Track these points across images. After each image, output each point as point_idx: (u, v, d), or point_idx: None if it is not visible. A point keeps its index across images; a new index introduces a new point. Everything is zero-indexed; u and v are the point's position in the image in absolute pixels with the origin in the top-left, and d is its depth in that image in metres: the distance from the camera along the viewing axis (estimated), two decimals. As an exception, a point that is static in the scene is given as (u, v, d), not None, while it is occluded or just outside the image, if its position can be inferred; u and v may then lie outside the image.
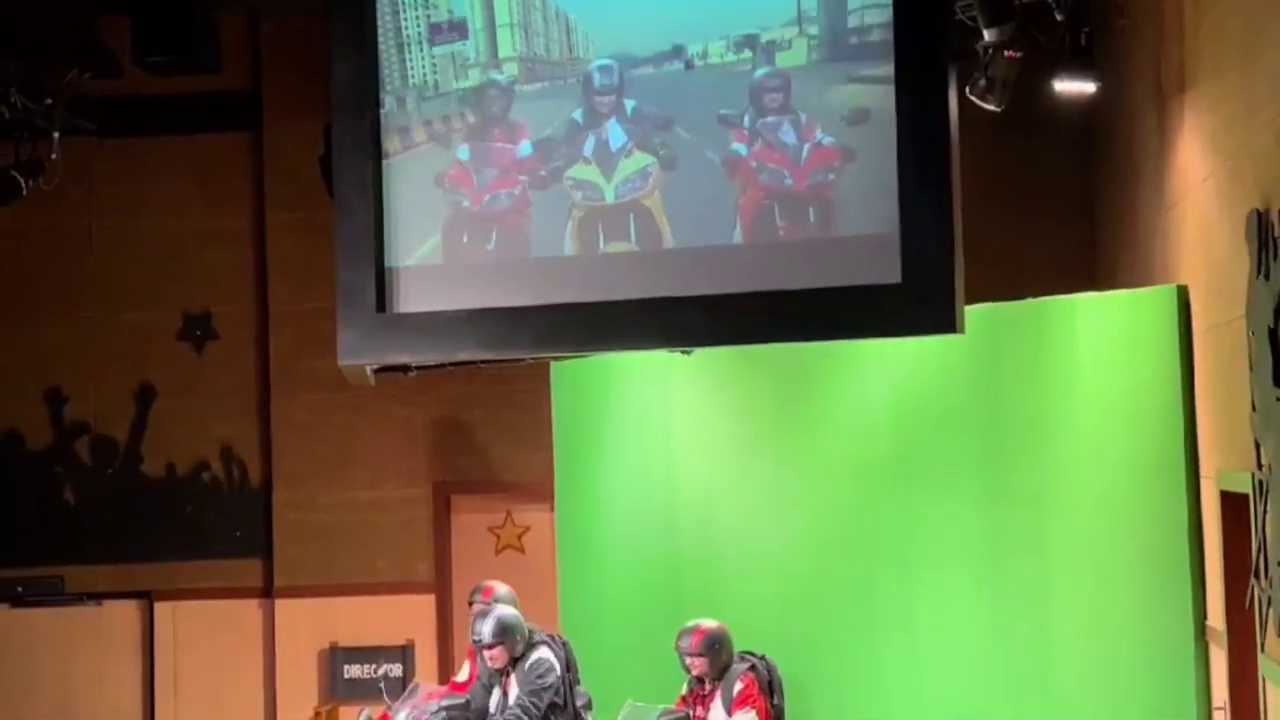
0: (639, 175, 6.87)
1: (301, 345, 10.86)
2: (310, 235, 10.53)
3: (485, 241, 7.11)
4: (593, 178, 6.95)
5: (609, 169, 6.91)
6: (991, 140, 9.05)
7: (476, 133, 7.12)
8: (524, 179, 7.07)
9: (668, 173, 6.82)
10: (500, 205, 7.10)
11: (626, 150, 6.88)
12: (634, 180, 6.88)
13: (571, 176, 6.98)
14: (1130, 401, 6.99)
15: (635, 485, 8.67)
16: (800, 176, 6.59)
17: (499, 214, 7.10)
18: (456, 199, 7.15)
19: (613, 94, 6.90)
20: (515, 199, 7.09)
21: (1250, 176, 5.56)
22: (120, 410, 11.19)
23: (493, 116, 7.11)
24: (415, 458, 11.06)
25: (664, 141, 6.81)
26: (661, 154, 6.81)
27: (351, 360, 7.43)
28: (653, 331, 6.94)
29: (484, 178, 7.13)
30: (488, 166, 7.12)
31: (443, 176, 7.17)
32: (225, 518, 11.13)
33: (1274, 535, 5.18)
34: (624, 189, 6.89)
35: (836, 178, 6.51)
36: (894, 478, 7.72)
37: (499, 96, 7.10)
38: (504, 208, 7.10)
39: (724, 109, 6.71)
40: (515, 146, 7.09)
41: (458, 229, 7.14)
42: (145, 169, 11.21)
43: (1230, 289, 5.85)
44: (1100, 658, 6.98)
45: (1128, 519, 6.95)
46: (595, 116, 6.93)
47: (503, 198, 7.11)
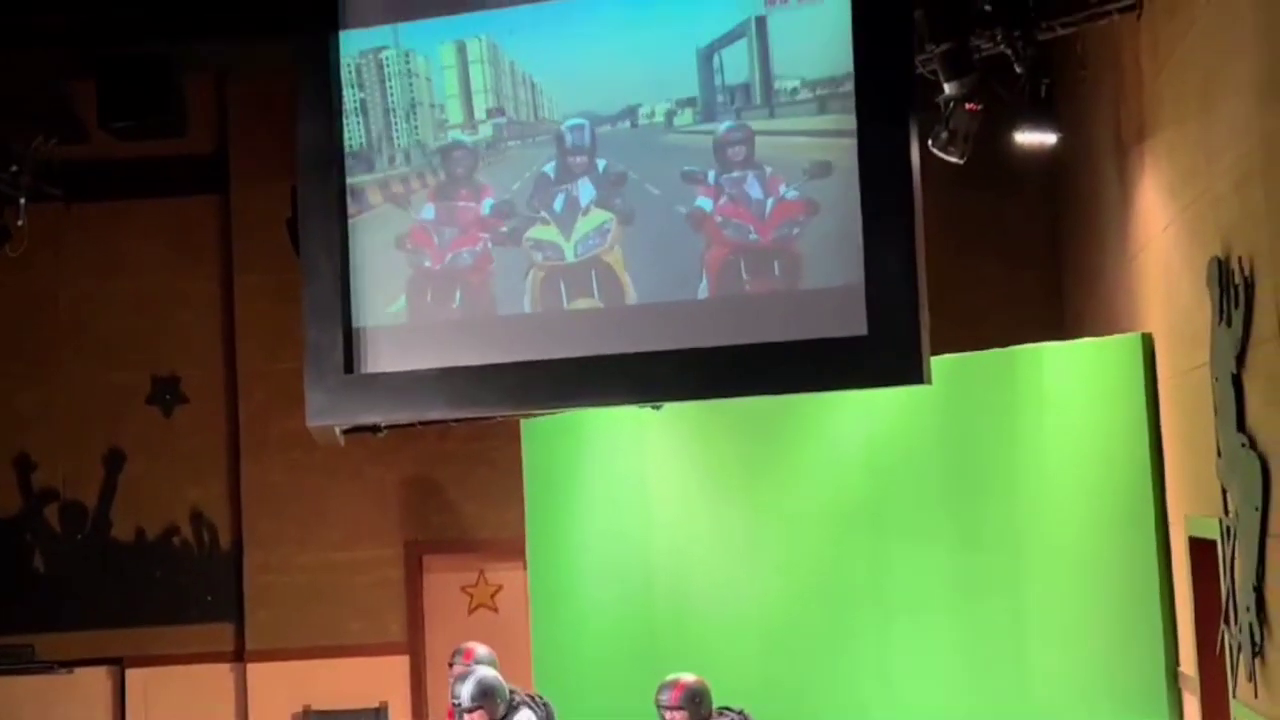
0: (597, 232, 6.90)
1: (271, 406, 10.84)
2: (279, 296, 10.53)
3: (449, 300, 7.12)
4: (551, 237, 6.98)
5: (567, 228, 6.94)
6: (956, 190, 9.11)
7: (441, 192, 7.15)
8: (485, 236, 7.09)
9: (625, 228, 6.84)
10: (462, 263, 7.12)
11: (585, 209, 6.91)
12: (592, 237, 6.91)
13: (531, 237, 7.00)
14: (1099, 448, 7.02)
15: (608, 541, 8.66)
16: (765, 230, 6.62)
17: (461, 272, 7.11)
18: (418, 259, 7.17)
19: (585, 153, 6.93)
20: (477, 256, 7.11)
21: (1210, 224, 5.61)
22: (89, 475, 11.15)
23: (457, 177, 7.14)
24: (387, 517, 11.03)
25: (622, 196, 6.84)
26: (618, 208, 6.83)
27: (320, 421, 7.42)
28: (621, 387, 6.94)
29: (444, 237, 7.16)
30: (449, 226, 7.15)
31: (403, 239, 7.19)
32: (196, 582, 11.08)
33: (1242, 581, 5.20)
34: (583, 246, 6.91)
35: (801, 231, 6.54)
36: (867, 527, 7.74)
37: (464, 157, 7.13)
38: (466, 266, 7.12)
39: (689, 165, 6.75)
40: (478, 205, 7.11)
41: (421, 289, 7.16)
42: (113, 232, 11.21)
43: (1194, 336, 5.88)
44: (1074, 703, 6.98)
45: (1099, 565, 6.97)
46: (568, 173, 6.96)
47: (464, 255, 7.13)
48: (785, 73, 6.62)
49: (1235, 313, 5.16)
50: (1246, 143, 4.99)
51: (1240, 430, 5.14)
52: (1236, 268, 5.17)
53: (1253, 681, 5.16)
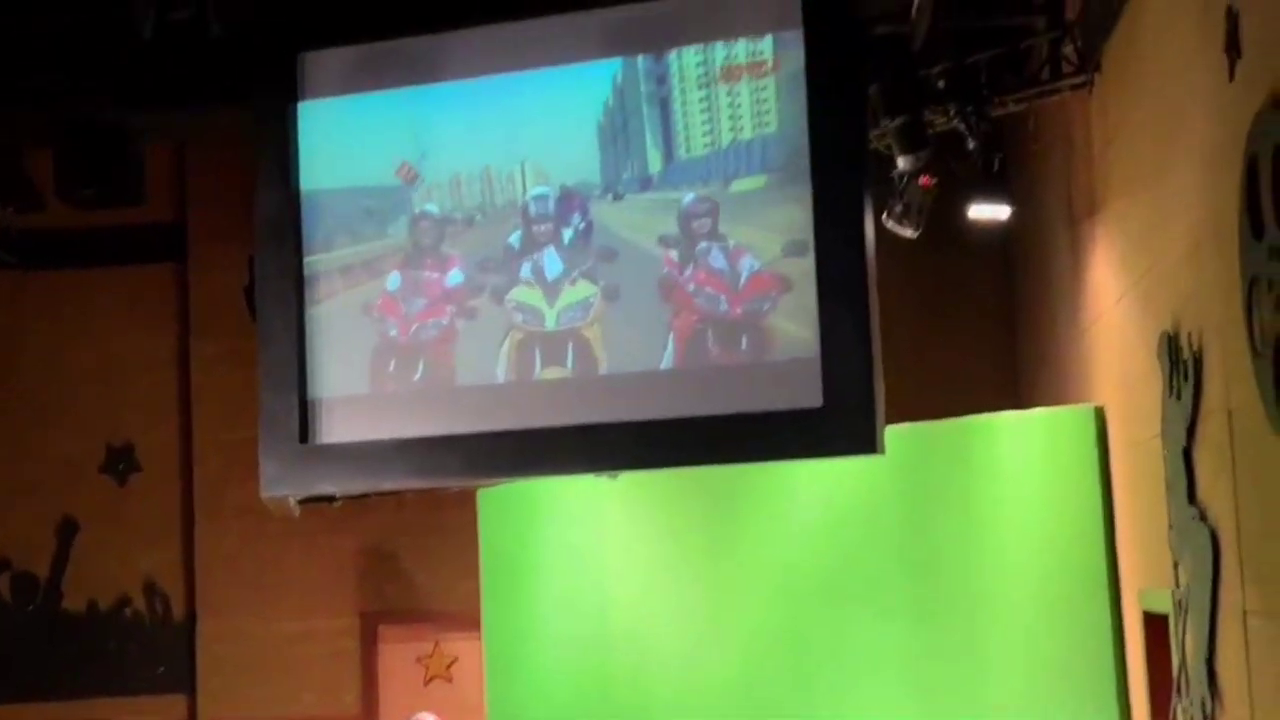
0: (581, 305, 6.90)
1: (226, 475, 10.78)
2: (236, 364, 10.49)
3: (412, 372, 7.11)
4: (535, 301, 6.97)
5: (552, 295, 6.94)
6: (912, 262, 9.17)
7: (408, 262, 7.15)
8: (451, 309, 7.09)
9: (609, 303, 6.85)
10: (428, 335, 7.11)
11: (571, 279, 6.90)
12: (576, 310, 6.90)
13: (514, 298, 6.99)
14: (1053, 519, 7.05)
15: (564, 611, 8.63)
16: (736, 303, 6.64)
17: (426, 344, 7.10)
18: (384, 328, 7.15)
19: (549, 223, 6.94)
20: (443, 329, 7.10)
21: (1160, 297, 5.67)
22: (41, 545, 11.06)
23: (424, 247, 7.14)
24: (342, 587, 10.97)
25: (606, 272, 6.84)
26: (603, 285, 6.84)
27: (274, 492, 7.38)
28: (580, 457, 6.94)
29: (413, 307, 7.15)
30: (417, 296, 7.14)
31: (370, 306, 7.18)
32: (148, 653, 10.98)
33: (1194, 654, 5.22)
34: (565, 317, 6.91)
35: (772, 307, 6.56)
36: (824, 597, 7.74)
37: (431, 228, 7.13)
38: (431, 338, 7.11)
39: (658, 233, 6.76)
40: (444, 276, 7.11)
41: (384, 358, 7.14)
42: (69, 300, 11.17)
43: (1146, 408, 5.93)
44: (1029, 778, 6.98)
45: (1053, 637, 6.98)
46: (532, 243, 6.96)
47: (430, 327, 7.12)
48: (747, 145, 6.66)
49: (1185, 386, 5.21)
50: (1195, 217, 5.06)
51: (1191, 503, 5.18)
52: (1186, 342, 5.22)
53: (1205, 754, 5.17)
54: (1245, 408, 4.49)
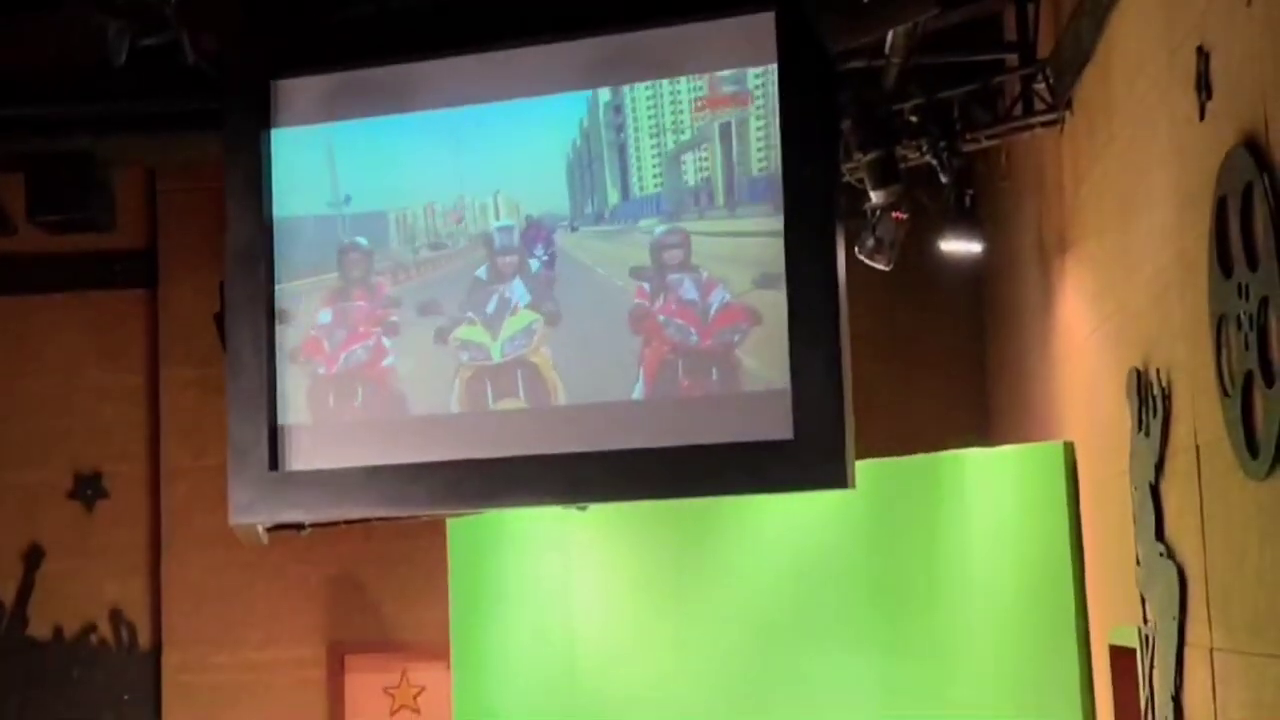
0: (523, 333, 6.91)
1: (194, 503, 10.73)
2: (205, 391, 10.45)
3: (351, 399, 7.10)
4: (478, 338, 6.98)
5: (495, 328, 6.95)
6: (882, 296, 9.19)
7: (336, 296, 7.15)
8: (376, 329, 7.09)
9: (552, 328, 6.85)
10: (357, 360, 7.12)
11: (513, 308, 6.92)
12: (519, 338, 6.91)
13: (458, 338, 7.00)
14: (1021, 555, 7.06)
15: (533, 642, 8.60)
16: (706, 334, 6.64)
17: (356, 370, 7.10)
18: (312, 368, 7.15)
19: (514, 254, 6.94)
20: (370, 350, 7.10)
21: (1130, 335, 5.69)
22: (7, 572, 10.98)
23: (353, 279, 7.14)
24: (310, 616, 10.91)
25: (557, 298, 6.85)
26: (546, 309, 6.85)
27: (243, 519, 7.36)
28: (550, 487, 6.93)
29: (335, 339, 7.15)
30: (340, 328, 7.14)
31: (296, 351, 7.18)
32: (114, 681, 10.90)
33: (1161, 690, 5.22)
34: (509, 346, 6.92)
35: (742, 339, 6.57)
36: (791, 631, 7.73)
37: (360, 260, 7.14)
38: (361, 361, 7.11)
39: (630, 264, 6.77)
40: (371, 304, 7.11)
41: (321, 396, 7.14)
42: (38, 326, 11.12)
43: (1114, 445, 5.95)
44: (996, 814, 6.98)
45: (1021, 671, 6.99)
46: (498, 276, 6.97)
47: (358, 352, 7.13)
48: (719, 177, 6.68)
49: (1153, 423, 5.23)
50: (1164, 256, 5.08)
51: (1158, 539, 5.20)
52: (1155, 379, 5.24)
53: (1172, 791, 5.18)
54: (1213, 445, 4.51)
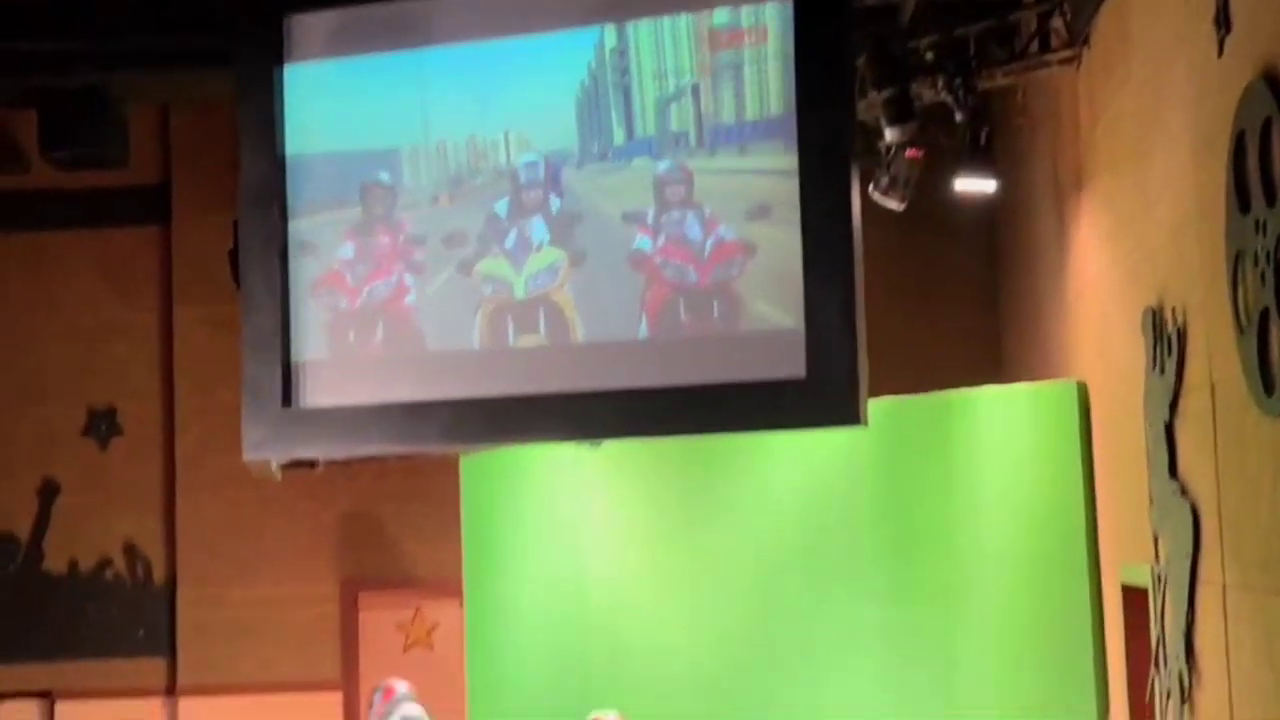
0: (548, 270, 6.89)
1: (208, 440, 10.76)
2: (219, 329, 10.46)
3: (371, 335, 7.09)
4: (502, 272, 6.96)
5: (519, 263, 6.93)
6: (896, 235, 9.16)
7: (359, 231, 7.13)
8: (399, 265, 7.08)
9: (576, 268, 6.84)
10: (378, 296, 7.11)
11: (537, 246, 6.90)
12: (543, 275, 6.90)
13: (482, 271, 6.99)
14: (1033, 494, 7.06)
15: (545, 579, 8.64)
16: (704, 271, 6.64)
17: (378, 306, 7.09)
18: (334, 301, 7.14)
19: (540, 188, 6.92)
20: (392, 287, 7.09)
21: (1145, 274, 5.67)
22: (22, 507, 11.03)
23: (376, 216, 7.13)
24: (323, 554, 10.96)
25: (573, 236, 6.84)
26: (570, 249, 6.84)
27: (257, 455, 7.37)
28: (560, 425, 6.93)
29: (358, 274, 7.13)
30: (363, 263, 7.13)
31: (317, 284, 7.16)
32: (129, 616, 10.97)
33: (1173, 628, 5.24)
34: (533, 284, 6.91)
35: (740, 273, 6.57)
36: (802, 570, 7.75)
37: (384, 196, 7.11)
38: (382, 298, 7.10)
39: (629, 205, 6.76)
40: (395, 240, 7.09)
41: (342, 330, 7.12)
42: (51, 263, 11.13)
43: (1128, 384, 5.94)
44: (1006, 750, 7.01)
45: (1031, 611, 7.00)
46: (521, 210, 6.95)
47: (379, 288, 7.12)
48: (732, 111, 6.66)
49: (1168, 361, 5.22)
50: (1182, 192, 5.06)
51: (1172, 478, 5.20)
52: (1170, 317, 5.23)
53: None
54: (1228, 383, 4.50)
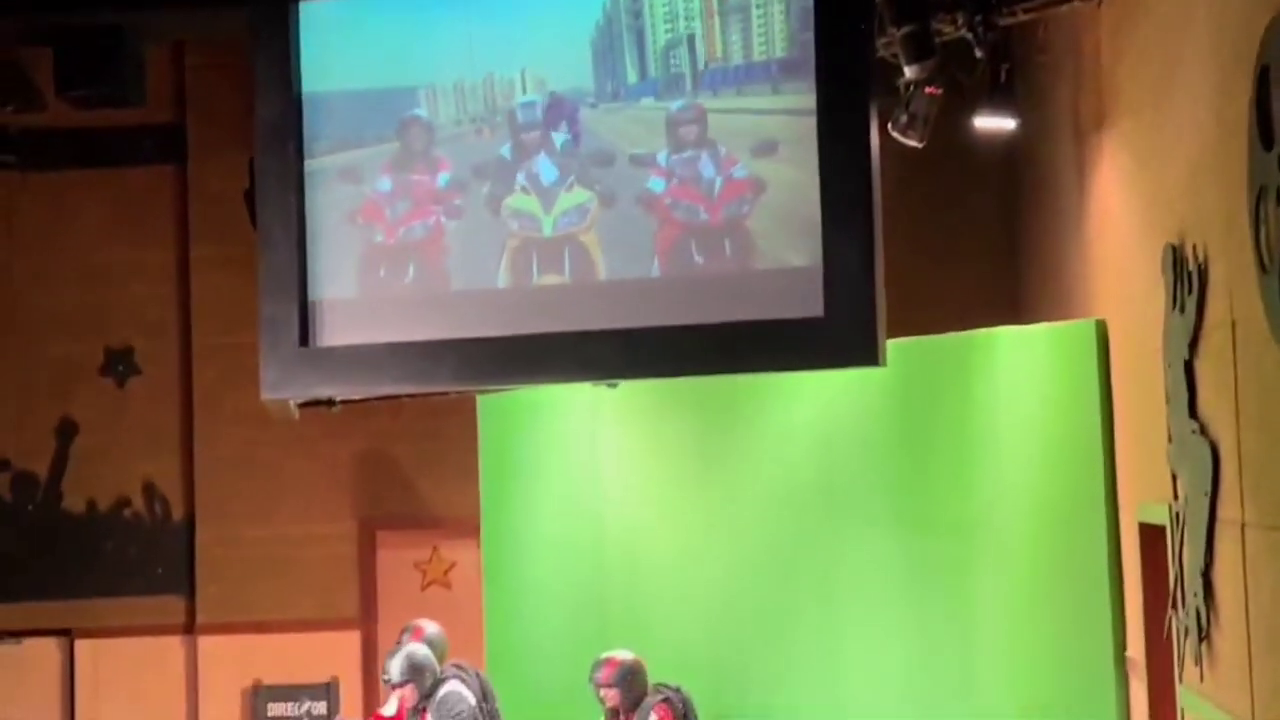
0: (577, 210, 6.88)
1: (225, 380, 10.79)
2: (235, 269, 10.46)
3: (402, 275, 7.09)
4: (532, 209, 6.95)
5: (548, 202, 6.92)
6: (914, 175, 9.12)
7: (397, 166, 7.11)
8: (438, 209, 7.06)
9: (605, 210, 6.83)
10: (415, 237, 7.09)
11: (567, 185, 6.88)
12: (572, 214, 6.89)
13: (510, 205, 6.97)
14: (1051, 434, 7.05)
15: (562, 518, 8.66)
16: (714, 210, 6.62)
17: (414, 246, 7.08)
18: (370, 234, 7.12)
19: (537, 129, 6.90)
20: (430, 230, 7.08)
21: (1165, 211, 5.64)
22: (41, 446, 11.07)
23: (415, 151, 7.10)
24: (341, 493, 11.00)
25: (600, 178, 6.82)
26: (599, 191, 6.82)
27: (274, 394, 7.38)
28: (574, 364, 6.94)
29: (397, 211, 7.11)
30: (403, 199, 7.11)
31: (355, 213, 7.14)
32: (147, 554, 11.03)
33: (1190, 566, 5.23)
34: (562, 222, 6.89)
35: (750, 210, 6.55)
36: (818, 509, 7.76)
37: (422, 133, 7.09)
38: (418, 239, 7.08)
39: (639, 147, 6.74)
40: (434, 178, 7.07)
41: (373, 264, 7.12)
42: (67, 202, 11.12)
43: (1147, 322, 5.91)
44: (1021, 687, 7.02)
45: (1049, 550, 7.01)
46: (523, 151, 6.93)
47: (417, 229, 7.10)
48: (741, 51, 6.62)
49: (1188, 300, 5.19)
50: (1202, 131, 5.02)
51: (1191, 416, 5.18)
52: (1190, 255, 5.20)
53: (1199, 666, 5.20)
54: (1249, 321, 4.48)
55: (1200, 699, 5.24)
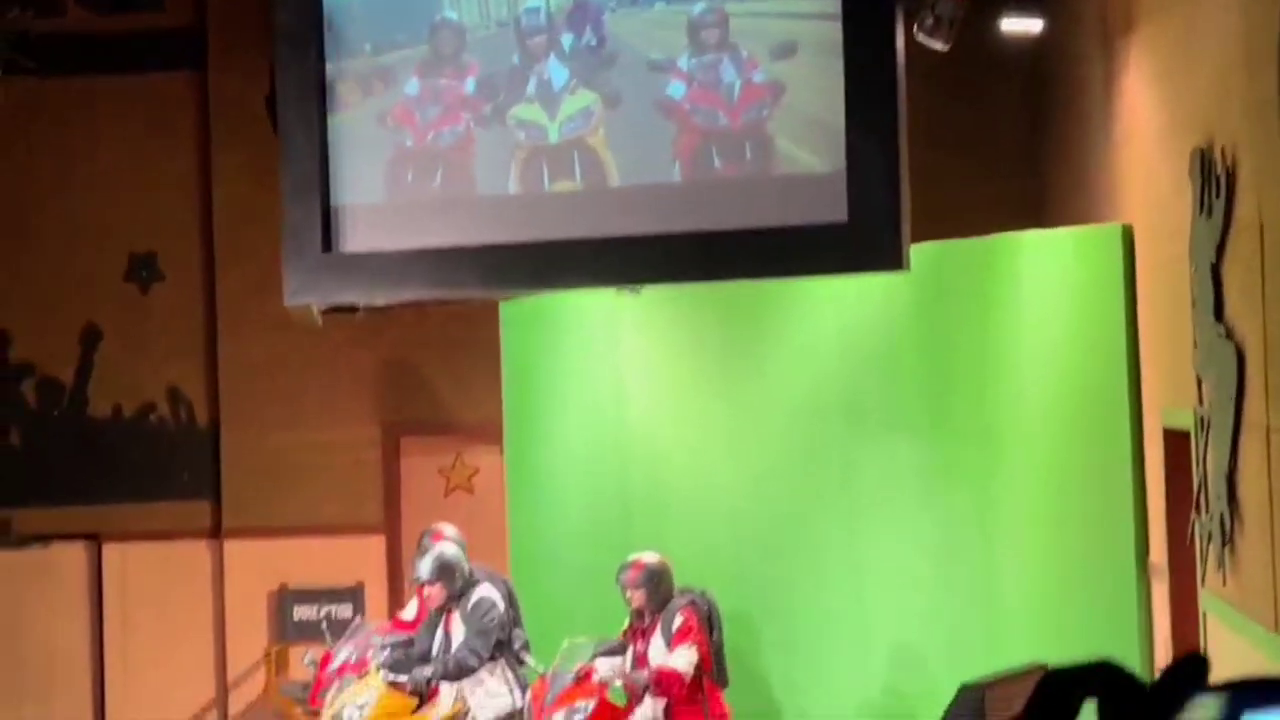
0: (582, 114, 6.84)
1: (249, 286, 10.79)
2: (257, 175, 10.43)
3: (430, 179, 7.06)
4: (536, 117, 6.91)
5: (553, 108, 6.87)
6: (938, 81, 9.03)
7: (426, 70, 7.06)
8: (468, 116, 7.02)
9: (611, 111, 6.78)
10: (444, 143, 7.05)
11: (570, 88, 6.83)
12: (577, 119, 6.84)
13: (515, 116, 6.93)
14: (1075, 338, 7.03)
15: (585, 425, 8.68)
16: (734, 114, 6.58)
17: (443, 151, 7.05)
18: (400, 138, 7.09)
19: (543, 34, 6.84)
20: (459, 136, 7.04)
21: (1193, 115, 5.59)
22: (66, 352, 11.11)
23: (444, 56, 7.05)
24: (365, 399, 11.03)
25: (607, 79, 6.77)
26: (604, 92, 6.77)
27: (297, 300, 7.39)
28: (598, 270, 6.93)
29: (427, 115, 7.07)
30: (433, 104, 7.06)
31: (386, 116, 7.10)
32: (173, 460, 11.09)
33: (1214, 471, 5.23)
34: (568, 127, 6.85)
35: (770, 114, 6.50)
36: (841, 415, 7.77)
37: (451, 37, 7.03)
38: (448, 145, 7.05)
39: (659, 52, 6.68)
40: (462, 84, 7.03)
41: (401, 168, 7.09)
42: (88, 108, 11.09)
43: (1174, 227, 5.88)
44: (1043, 592, 7.05)
45: (1072, 455, 7.01)
46: (530, 58, 6.88)
47: (446, 135, 7.06)
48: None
49: (1216, 203, 5.16)
50: (1231, 33, 4.96)
51: (1217, 320, 5.16)
52: (1219, 158, 5.16)
53: (1221, 570, 5.21)
54: (1277, 224, 4.45)
55: (1222, 603, 5.26)
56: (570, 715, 7.28)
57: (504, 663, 7.63)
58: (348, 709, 7.64)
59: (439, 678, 7.56)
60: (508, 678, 7.62)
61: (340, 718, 7.66)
